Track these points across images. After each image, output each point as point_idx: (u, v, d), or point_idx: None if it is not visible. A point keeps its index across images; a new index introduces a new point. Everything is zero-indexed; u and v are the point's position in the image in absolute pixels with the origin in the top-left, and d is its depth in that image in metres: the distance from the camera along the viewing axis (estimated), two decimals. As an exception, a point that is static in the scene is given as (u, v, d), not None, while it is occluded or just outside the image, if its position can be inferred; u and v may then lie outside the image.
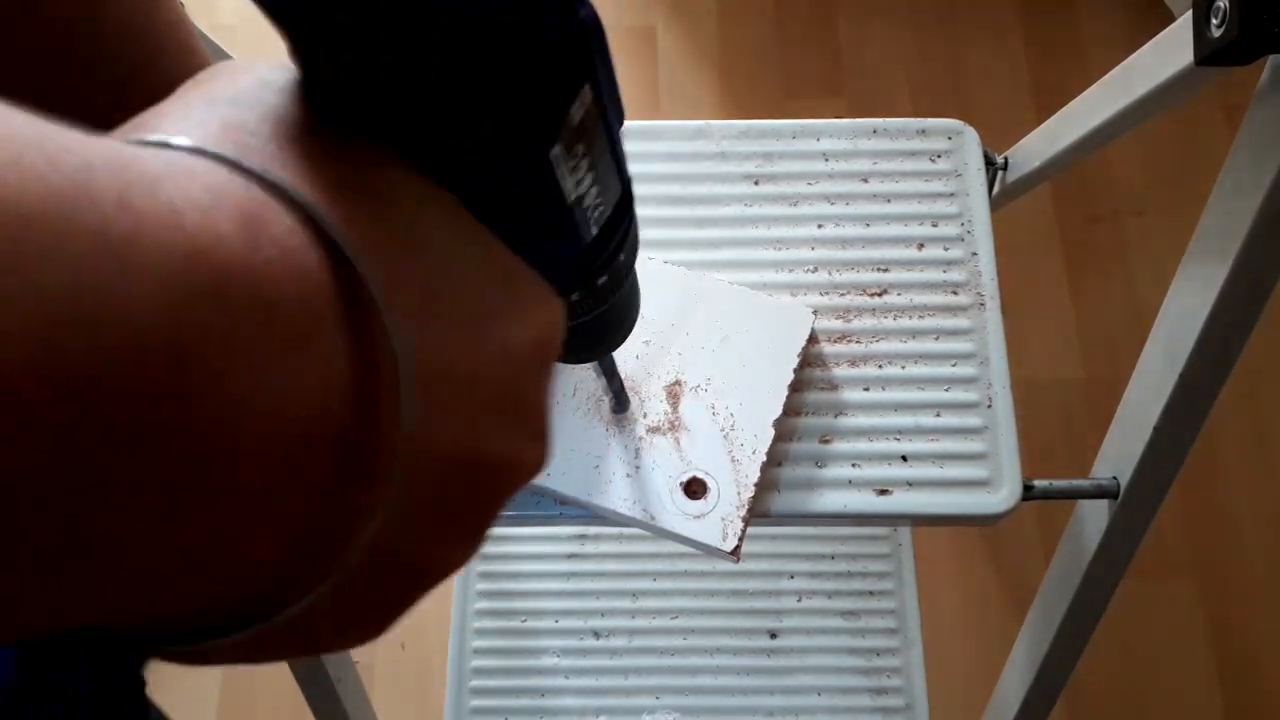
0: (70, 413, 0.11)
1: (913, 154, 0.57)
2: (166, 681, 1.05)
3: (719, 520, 0.47)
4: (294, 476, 0.15)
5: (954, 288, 0.54)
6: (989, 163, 0.59)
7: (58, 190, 0.11)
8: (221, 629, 0.16)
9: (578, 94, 0.18)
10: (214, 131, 0.15)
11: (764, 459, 0.49)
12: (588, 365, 0.51)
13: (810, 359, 0.53)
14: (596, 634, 0.83)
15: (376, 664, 1.06)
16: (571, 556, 0.85)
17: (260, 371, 0.14)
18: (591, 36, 0.18)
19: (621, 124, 0.21)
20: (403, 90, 0.17)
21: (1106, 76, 0.55)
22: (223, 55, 0.68)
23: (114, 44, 0.27)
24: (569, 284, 0.25)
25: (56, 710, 0.21)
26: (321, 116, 0.17)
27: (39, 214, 0.11)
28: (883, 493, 0.50)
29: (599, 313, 0.27)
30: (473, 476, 0.19)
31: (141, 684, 0.22)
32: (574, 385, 0.51)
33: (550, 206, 0.20)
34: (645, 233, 0.57)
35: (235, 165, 0.15)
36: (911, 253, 0.55)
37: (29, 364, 0.11)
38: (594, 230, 0.23)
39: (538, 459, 0.21)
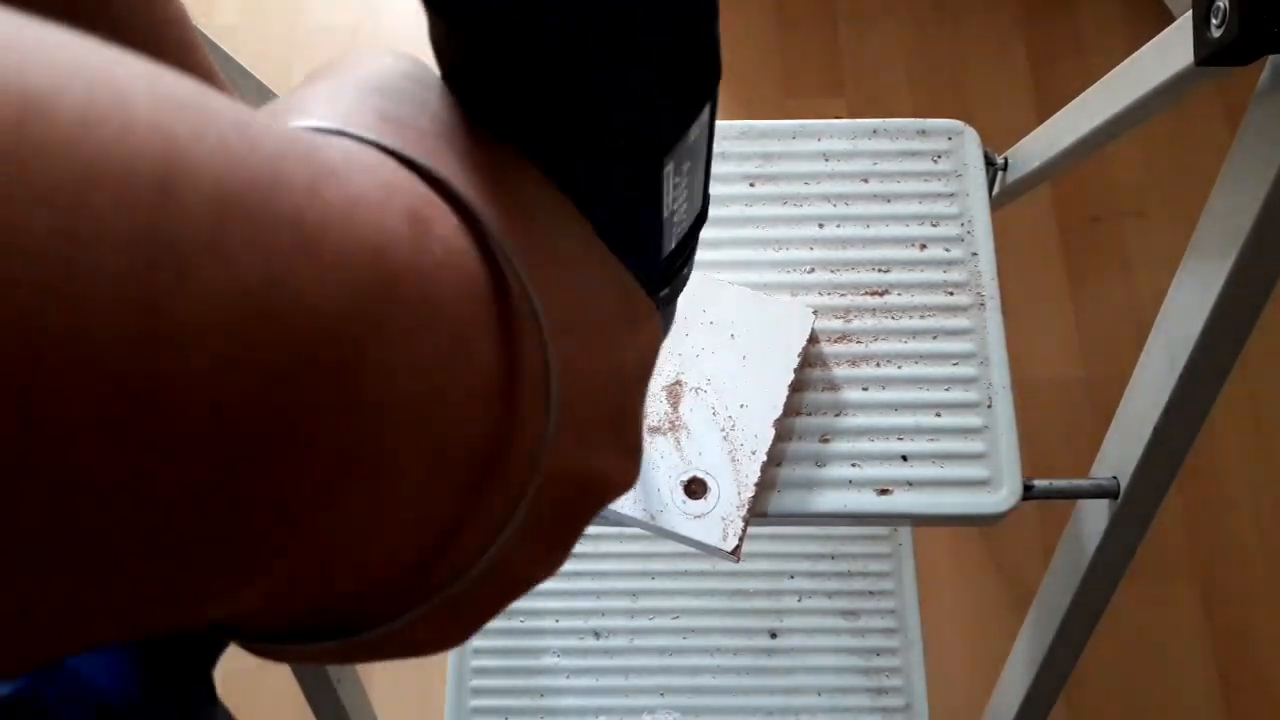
0: (245, 412, 0.11)
1: (913, 154, 0.57)
2: (167, 681, 1.05)
3: (719, 520, 0.47)
4: (440, 479, 0.15)
5: (954, 288, 0.54)
6: (989, 163, 0.59)
7: (258, 174, 0.11)
8: (326, 632, 0.16)
9: (700, 114, 0.19)
10: (373, 121, 0.15)
11: (764, 459, 0.49)
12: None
13: (810, 359, 0.53)
14: (596, 634, 0.83)
15: (376, 665, 1.06)
16: (571, 556, 0.85)
17: (421, 370, 0.13)
18: (718, 61, 0.18)
19: (712, 135, 0.22)
20: (545, 94, 0.17)
21: (1106, 76, 0.55)
22: (222, 55, 0.68)
23: (113, 39, 0.27)
24: None
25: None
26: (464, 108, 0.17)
27: (240, 197, 0.11)
28: (883, 492, 0.50)
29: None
30: (579, 491, 0.19)
31: (210, 680, 0.22)
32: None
33: (647, 219, 0.20)
34: (645, 233, 0.57)
35: (404, 160, 0.15)
36: (911, 253, 0.55)
37: (214, 364, 0.10)
38: (673, 244, 0.23)
39: (631, 475, 0.21)
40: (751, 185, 0.57)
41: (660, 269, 0.24)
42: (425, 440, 0.14)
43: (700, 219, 0.24)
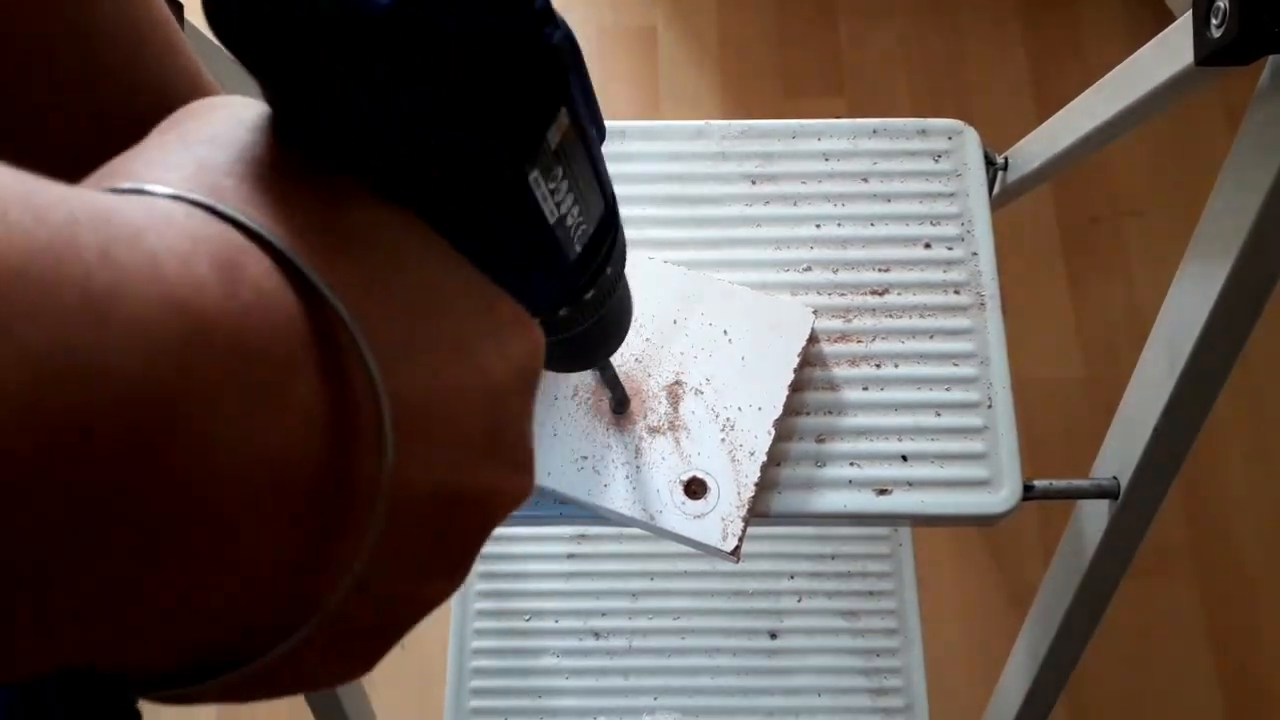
0: (55, 467, 0.11)
1: (913, 154, 0.57)
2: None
3: (719, 520, 0.47)
4: (274, 519, 0.15)
5: (954, 287, 0.54)
6: (989, 163, 0.59)
7: (42, 245, 0.11)
8: (209, 671, 0.16)
9: (553, 119, 0.18)
10: (190, 174, 0.15)
11: (764, 459, 0.49)
12: (588, 366, 0.51)
13: (810, 359, 0.53)
14: (596, 634, 0.83)
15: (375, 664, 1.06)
16: (571, 556, 0.85)
17: (239, 418, 0.14)
18: (564, 59, 0.18)
19: (602, 139, 0.21)
20: (376, 120, 0.17)
21: (1106, 76, 0.55)
22: (222, 55, 0.68)
23: (96, 43, 0.27)
24: (555, 301, 0.25)
25: None
26: (296, 149, 0.17)
27: (23, 270, 0.11)
28: (883, 493, 0.50)
29: (589, 324, 0.27)
30: (454, 510, 0.19)
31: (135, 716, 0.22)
32: (574, 386, 0.51)
33: (530, 229, 0.20)
34: (645, 233, 0.57)
35: (212, 210, 0.15)
36: (911, 252, 0.55)
37: (12, 421, 0.11)
38: (578, 248, 0.23)
39: (521, 489, 0.21)
40: (752, 185, 0.57)
41: (571, 273, 0.23)
42: (251, 478, 0.14)
43: (608, 218, 0.24)
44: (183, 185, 0.15)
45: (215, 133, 0.17)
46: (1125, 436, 0.54)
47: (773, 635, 0.82)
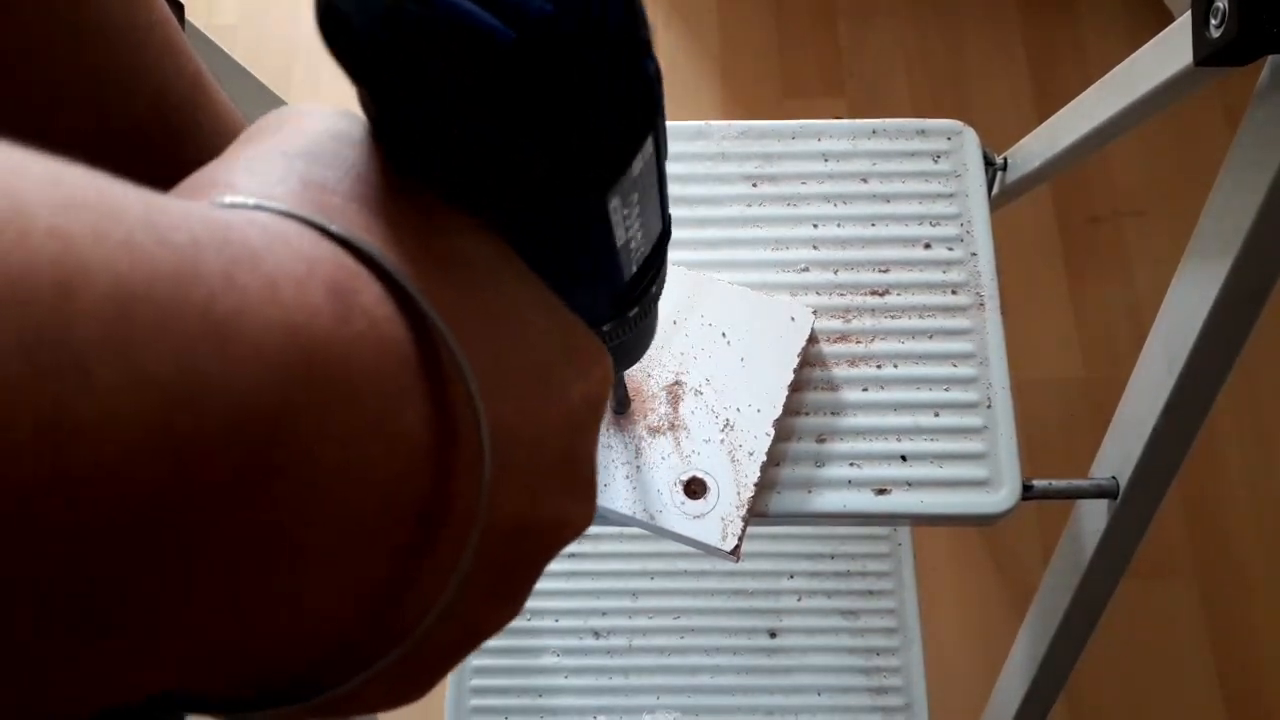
0: (173, 489, 0.11)
1: (912, 154, 0.57)
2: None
3: (719, 520, 0.47)
4: (373, 544, 0.15)
5: (954, 288, 0.54)
6: (988, 163, 0.59)
7: (166, 269, 0.11)
8: (291, 695, 0.16)
9: (641, 147, 0.18)
10: (296, 190, 0.15)
11: (764, 459, 0.49)
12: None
13: (810, 359, 0.53)
14: (596, 634, 0.83)
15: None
16: (571, 556, 0.85)
17: (346, 444, 0.14)
18: (658, 93, 0.18)
19: (664, 156, 0.21)
20: (479, 143, 0.17)
21: (1106, 76, 0.55)
22: (222, 55, 0.68)
23: (96, 46, 0.27)
24: (605, 318, 0.25)
25: None
26: (394, 167, 0.17)
27: (146, 294, 0.11)
28: (882, 492, 0.50)
29: (626, 338, 0.27)
30: (529, 539, 0.18)
31: None
32: (574, 385, 0.51)
33: (600, 252, 0.20)
34: (645, 233, 0.57)
35: (324, 231, 0.15)
36: (911, 253, 0.55)
37: (135, 445, 0.11)
38: (634, 269, 0.23)
39: (587, 517, 0.21)
40: (752, 185, 0.57)
41: (624, 292, 0.24)
42: (353, 508, 0.14)
43: (663, 239, 0.24)
44: (292, 202, 0.15)
45: (313, 144, 0.17)
46: (1124, 436, 0.54)
47: (772, 635, 0.83)
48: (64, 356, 0.10)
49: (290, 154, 0.16)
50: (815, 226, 0.56)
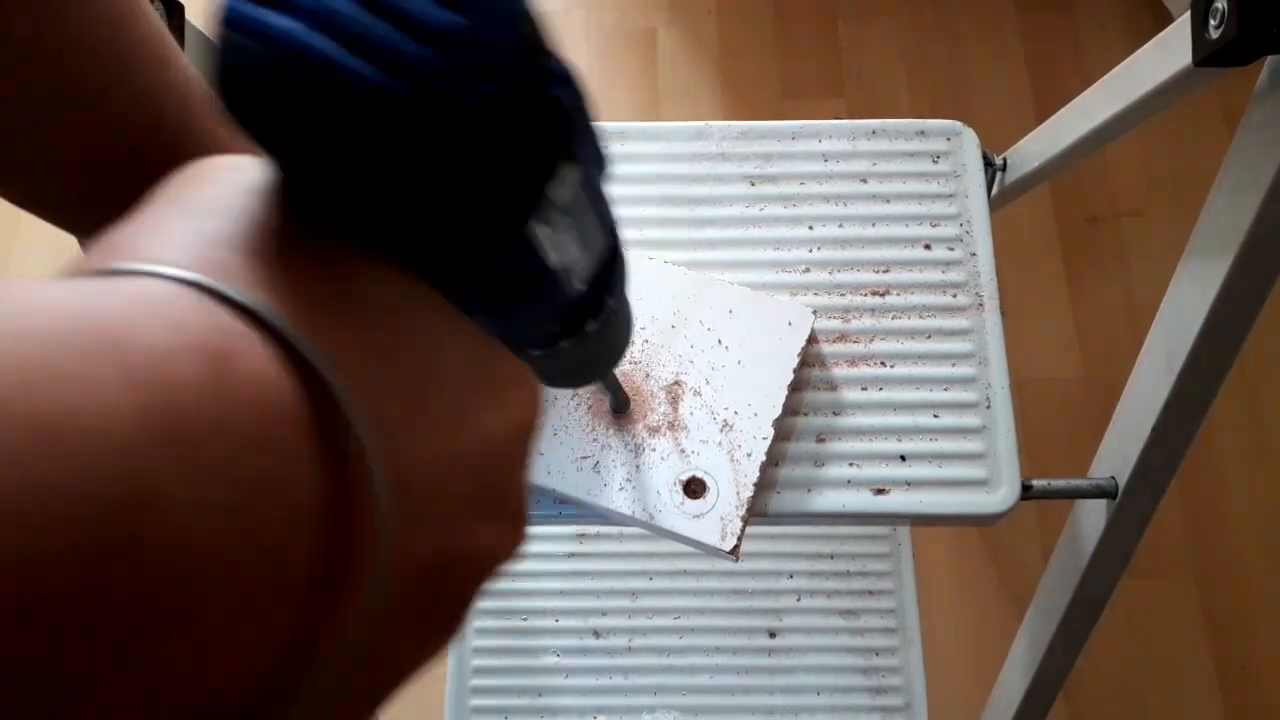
0: (27, 598, 0.11)
1: (912, 155, 0.57)
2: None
3: (718, 519, 0.48)
4: (267, 608, 0.15)
5: (953, 288, 0.54)
6: (988, 163, 0.59)
7: (4, 377, 0.11)
8: None
9: (555, 172, 0.18)
10: (190, 248, 0.15)
11: (763, 458, 0.49)
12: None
13: (810, 359, 0.53)
14: (596, 634, 0.83)
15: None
16: (571, 556, 0.85)
17: (229, 512, 0.13)
18: (567, 114, 0.18)
19: (603, 170, 0.21)
20: (385, 188, 0.17)
21: (1106, 77, 0.55)
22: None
23: (77, 64, 0.27)
24: (556, 335, 0.25)
25: None
26: (298, 213, 0.17)
27: None
28: (881, 492, 0.50)
29: (590, 348, 0.27)
30: (449, 573, 0.18)
31: None
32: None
33: (532, 276, 0.20)
34: (645, 233, 0.57)
35: (210, 292, 0.15)
36: (910, 253, 0.55)
37: None
38: (580, 286, 0.23)
39: (514, 543, 0.21)
40: (752, 185, 0.57)
41: (572, 308, 0.23)
42: (241, 573, 0.14)
43: (610, 254, 0.24)
44: (183, 263, 0.15)
45: (216, 201, 0.17)
46: (1123, 436, 0.54)
47: (772, 634, 0.83)
48: None
49: (190, 211, 0.16)
50: (814, 227, 0.56)
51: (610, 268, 0.24)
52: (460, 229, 0.18)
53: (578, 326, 0.25)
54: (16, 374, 0.11)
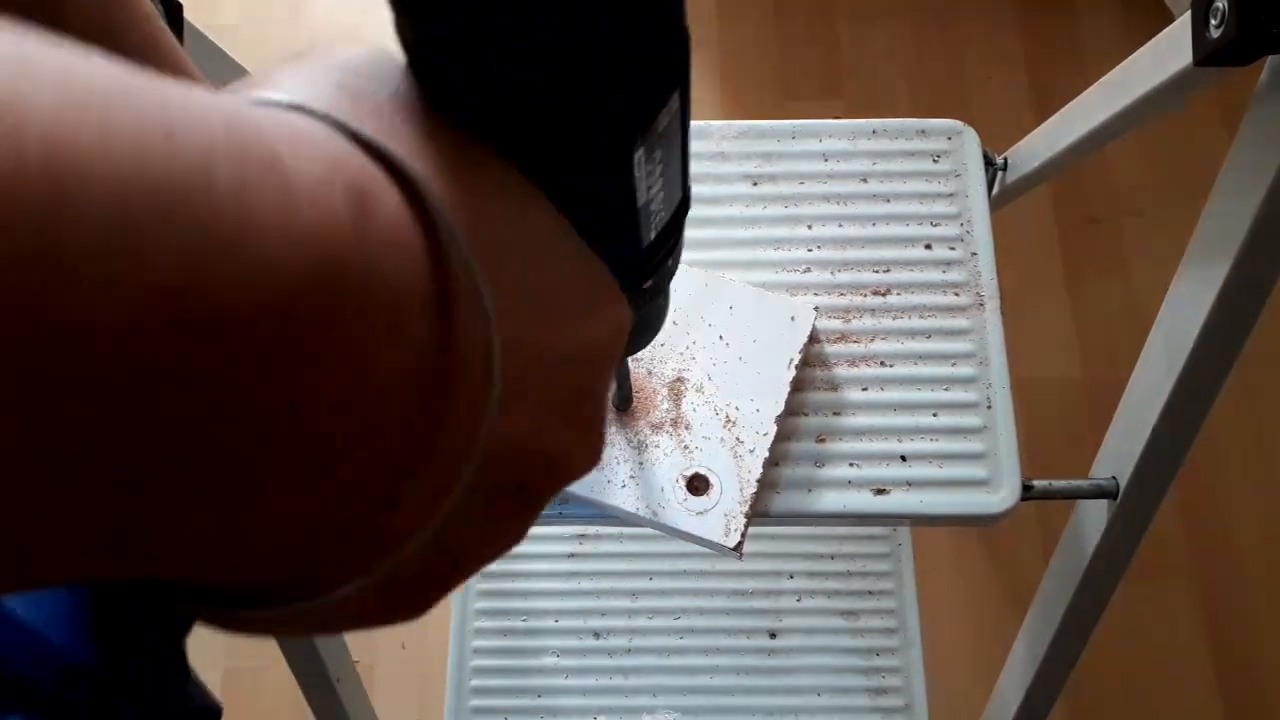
0: (168, 396, 0.12)
1: (912, 154, 0.57)
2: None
3: (722, 516, 0.48)
4: (375, 454, 0.15)
5: (954, 288, 0.54)
6: (988, 163, 0.59)
7: (175, 176, 0.11)
8: (288, 597, 0.16)
9: (669, 100, 0.19)
10: (331, 95, 0.16)
11: (766, 454, 0.49)
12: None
13: (810, 359, 0.53)
14: (596, 634, 0.83)
15: (377, 664, 1.07)
16: (571, 556, 0.85)
17: (357, 349, 0.14)
18: (687, 47, 0.18)
19: (688, 125, 0.22)
20: (507, 84, 0.17)
21: (1106, 77, 0.55)
22: (222, 55, 0.68)
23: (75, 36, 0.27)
24: (621, 284, 0.25)
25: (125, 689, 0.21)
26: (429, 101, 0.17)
27: (148, 200, 0.11)
28: (882, 492, 0.50)
29: (638, 315, 0.27)
30: (533, 467, 0.19)
31: (182, 653, 0.22)
32: (574, 385, 0.51)
33: (622, 208, 0.20)
34: (645, 233, 0.57)
35: (351, 134, 0.15)
36: (911, 253, 0.55)
37: (122, 355, 0.11)
38: (653, 234, 0.23)
39: (594, 454, 0.21)
40: (752, 185, 0.57)
41: (641, 259, 0.24)
42: (357, 411, 0.14)
43: (682, 209, 0.24)
44: (326, 104, 0.15)
45: (356, 63, 0.17)
46: (1124, 436, 0.54)
47: (772, 635, 0.83)
48: (50, 260, 0.10)
49: (330, 66, 0.17)
50: (814, 227, 0.56)
51: (678, 224, 0.24)
52: (573, 136, 0.18)
53: (638, 282, 0.25)
54: (184, 177, 0.12)
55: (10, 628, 0.21)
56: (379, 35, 0.18)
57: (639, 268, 0.24)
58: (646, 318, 0.29)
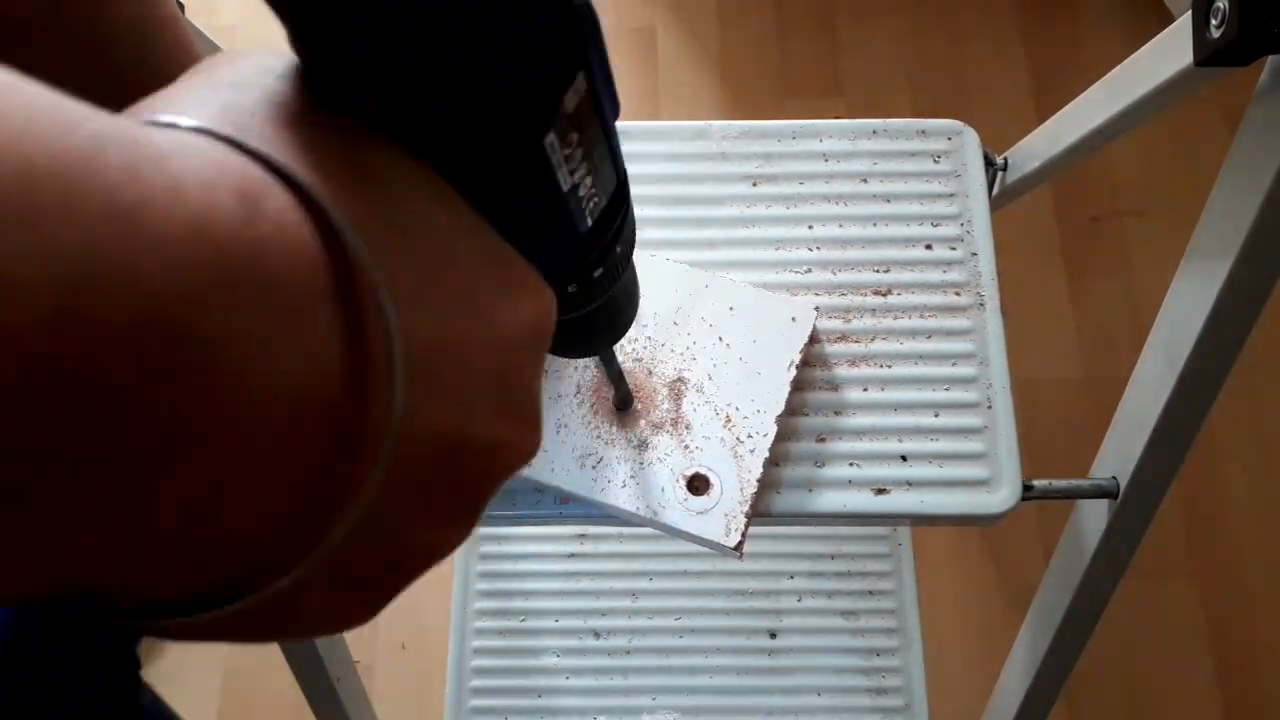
0: (73, 372, 0.12)
1: (913, 154, 0.57)
2: (168, 680, 1.05)
3: (722, 516, 0.48)
4: (281, 449, 0.15)
5: (954, 288, 0.54)
6: (989, 163, 0.59)
7: (70, 155, 0.12)
8: (206, 603, 0.16)
9: (572, 81, 0.18)
10: (215, 112, 0.16)
11: (766, 454, 0.49)
12: (590, 363, 0.51)
13: (811, 359, 0.53)
14: (596, 634, 0.83)
15: (377, 664, 1.07)
16: (571, 556, 0.85)
17: (254, 343, 0.14)
18: (586, 25, 0.18)
19: (617, 115, 0.22)
20: (400, 76, 0.17)
21: (1106, 76, 0.55)
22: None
23: (110, 40, 0.27)
24: (564, 276, 0.25)
25: (47, 671, 0.21)
26: (320, 101, 0.17)
27: (50, 176, 0.11)
28: (882, 492, 0.50)
29: (596, 305, 0.27)
30: (460, 458, 0.19)
31: (135, 659, 0.22)
32: (577, 384, 0.51)
33: (544, 195, 0.20)
34: (645, 233, 0.57)
35: (235, 144, 0.15)
36: (911, 253, 0.55)
37: (37, 320, 0.11)
38: (589, 221, 0.23)
39: (529, 445, 0.21)
40: (752, 185, 0.57)
41: (580, 247, 0.23)
42: (261, 406, 0.14)
43: (620, 194, 0.24)
44: (208, 120, 0.15)
45: (241, 77, 0.17)
46: (1124, 436, 0.54)
47: (772, 635, 0.83)
48: None
49: (217, 84, 0.17)
50: (815, 227, 0.56)
51: (619, 210, 0.24)
52: (474, 128, 0.18)
53: (587, 270, 0.25)
54: (80, 160, 0.12)
55: None
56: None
57: (581, 256, 0.24)
58: (610, 306, 0.29)
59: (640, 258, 0.53)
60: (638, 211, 0.57)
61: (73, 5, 0.26)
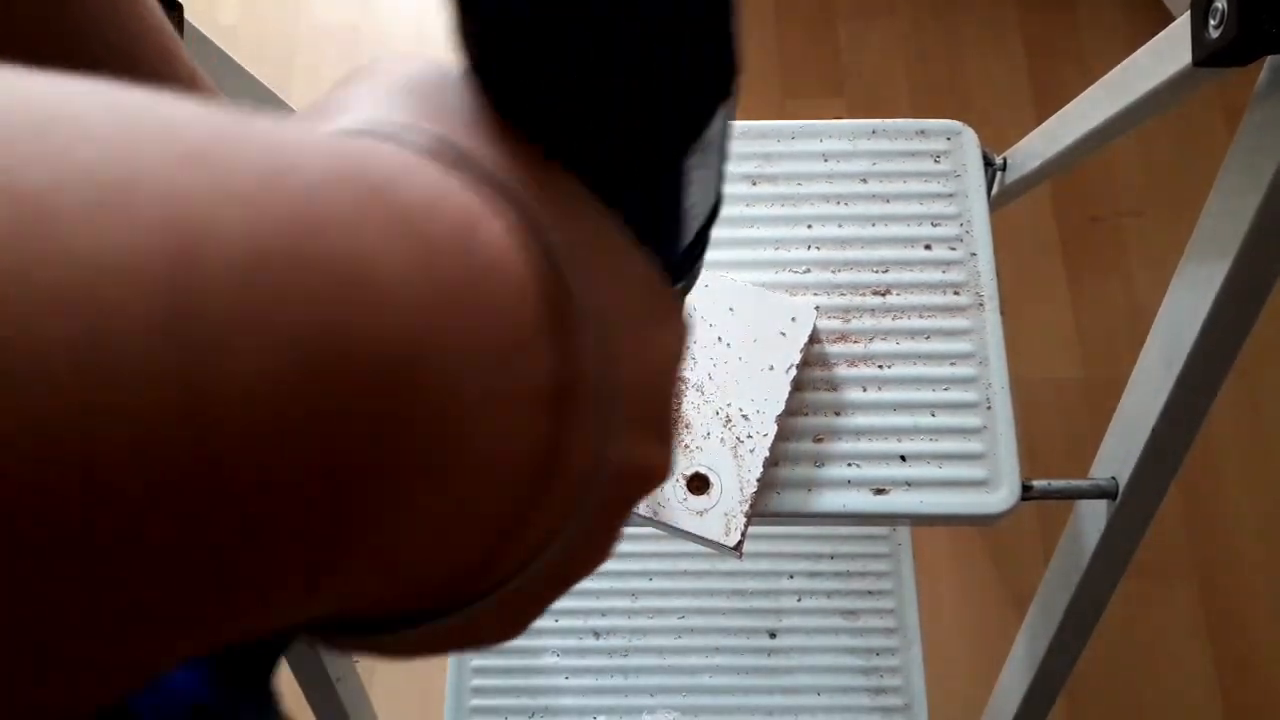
0: (310, 450, 0.11)
1: (912, 154, 0.57)
2: (166, 681, 1.05)
3: (722, 516, 0.48)
4: (501, 480, 0.15)
5: (953, 288, 0.54)
6: (988, 163, 0.59)
7: (290, 217, 0.11)
8: (407, 621, 0.16)
9: (721, 107, 0.19)
10: (414, 125, 0.15)
11: (766, 454, 0.49)
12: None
13: (810, 359, 0.53)
14: (596, 634, 0.83)
15: (377, 664, 1.07)
16: (571, 556, 0.85)
17: (481, 379, 0.13)
18: (740, 54, 0.18)
19: (728, 130, 0.22)
20: (571, 97, 0.17)
21: (1106, 77, 0.55)
22: (223, 55, 0.68)
23: (81, 56, 0.27)
24: None
25: None
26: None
27: (273, 246, 0.10)
28: (881, 492, 0.50)
29: None
30: (626, 484, 0.19)
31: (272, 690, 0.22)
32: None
33: (671, 214, 0.21)
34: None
35: (456, 163, 0.14)
36: (911, 253, 0.55)
37: (279, 417, 0.10)
38: (690, 236, 0.23)
39: (670, 465, 0.21)
40: (752, 185, 0.57)
41: (677, 262, 0.24)
42: (484, 447, 0.14)
43: (714, 211, 0.24)
44: (414, 134, 0.14)
45: (420, 86, 0.16)
46: (1124, 436, 0.54)
47: (772, 635, 0.83)
48: (194, 333, 0.10)
49: (399, 90, 0.16)
50: (814, 227, 0.56)
51: (709, 226, 0.24)
52: (632, 147, 0.18)
53: (674, 282, 0.25)
54: (302, 218, 0.11)
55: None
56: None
57: (676, 270, 0.24)
58: None
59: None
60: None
61: (30, 18, 0.25)
